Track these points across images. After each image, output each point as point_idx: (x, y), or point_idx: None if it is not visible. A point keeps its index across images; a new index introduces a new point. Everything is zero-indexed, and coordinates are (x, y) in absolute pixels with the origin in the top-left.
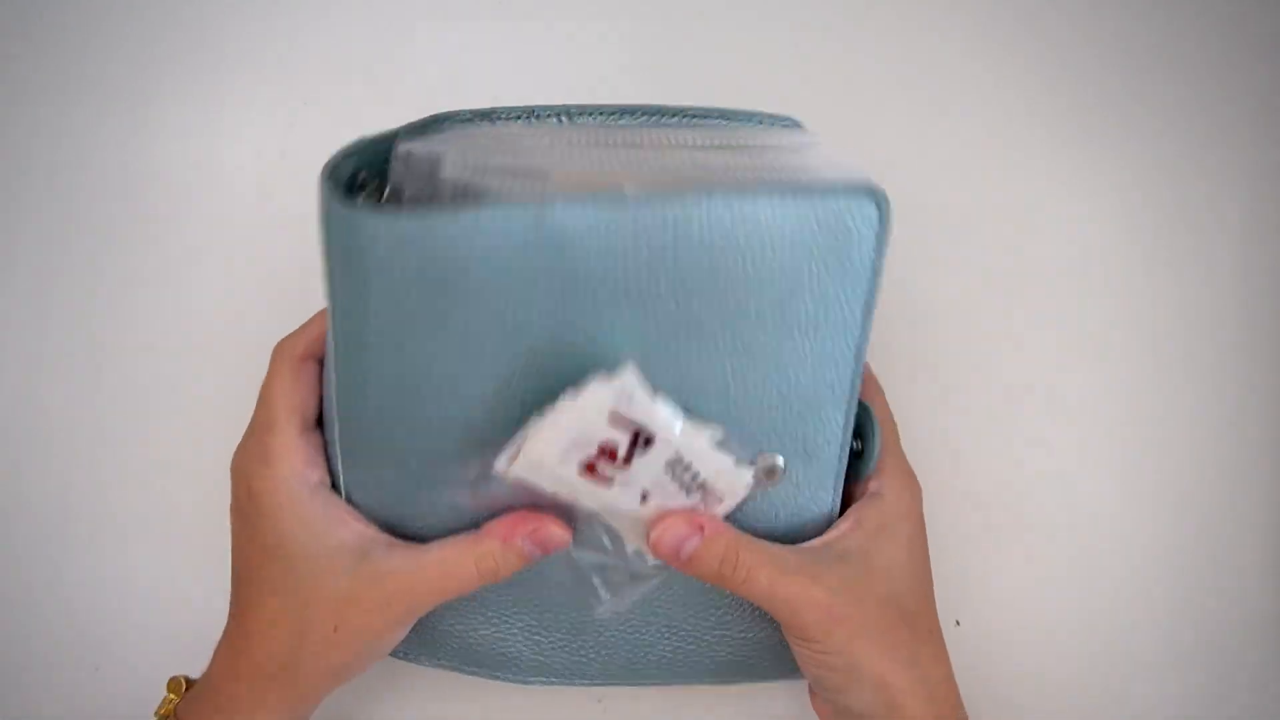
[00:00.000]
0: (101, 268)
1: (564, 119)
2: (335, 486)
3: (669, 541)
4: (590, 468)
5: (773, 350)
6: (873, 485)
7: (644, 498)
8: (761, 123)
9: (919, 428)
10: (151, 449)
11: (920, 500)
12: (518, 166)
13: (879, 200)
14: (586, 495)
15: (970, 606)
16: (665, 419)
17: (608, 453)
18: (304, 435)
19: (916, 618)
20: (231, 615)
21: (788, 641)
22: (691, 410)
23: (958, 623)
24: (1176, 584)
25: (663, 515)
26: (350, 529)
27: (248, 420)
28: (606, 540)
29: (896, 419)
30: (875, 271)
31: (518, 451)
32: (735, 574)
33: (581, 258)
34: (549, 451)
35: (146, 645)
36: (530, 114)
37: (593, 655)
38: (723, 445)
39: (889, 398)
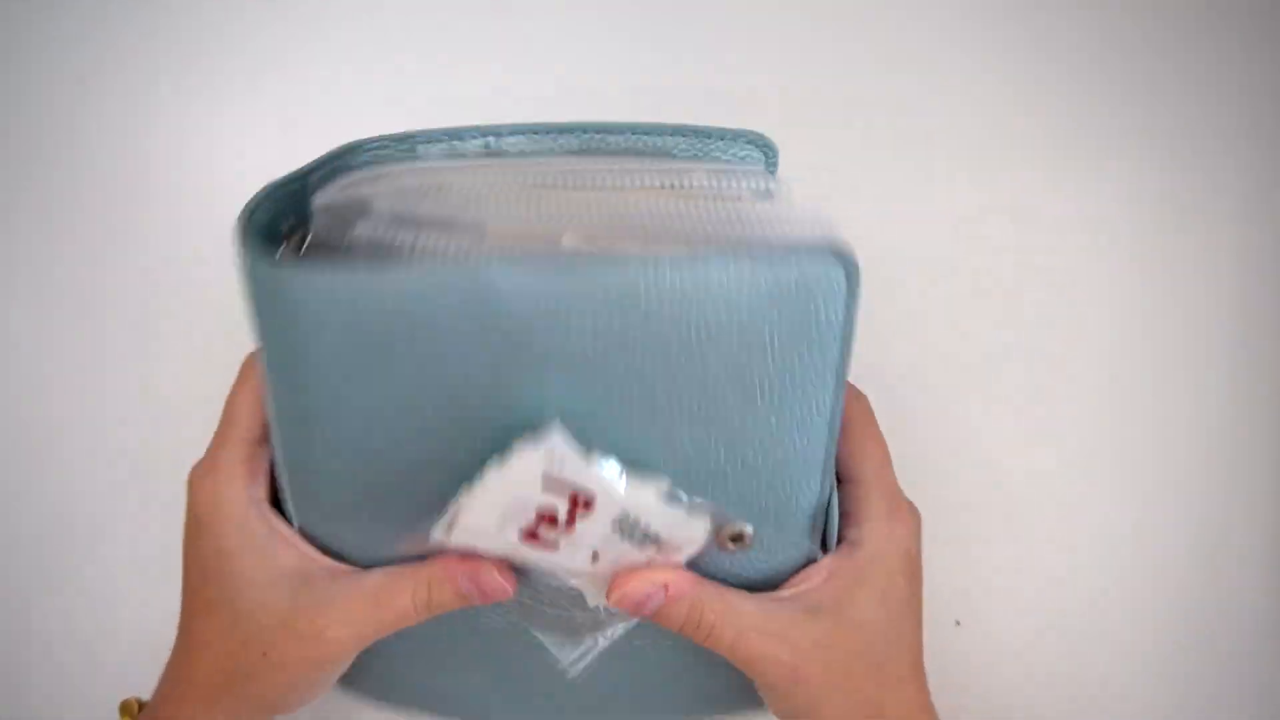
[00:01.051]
0: (100, 270)
1: (493, 141)
2: (281, 504)
3: (632, 598)
4: (532, 534)
5: (734, 420)
6: (852, 532)
7: (595, 557)
8: (722, 140)
9: (918, 429)
10: (152, 448)
11: (911, 538)
12: (449, 218)
13: (846, 265)
14: (533, 559)
15: (970, 606)
16: (602, 479)
17: (547, 518)
18: (257, 451)
19: (885, 665)
20: (177, 633)
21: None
22: (636, 464)
23: (958, 623)
24: (1176, 584)
25: (625, 574)
26: (292, 553)
27: None
28: (564, 601)
29: (895, 420)
30: (845, 338)
31: (452, 522)
32: (699, 631)
33: (520, 322)
34: (485, 520)
35: (146, 645)
36: (454, 137)
37: (565, 697)
38: (670, 498)
39: (888, 398)
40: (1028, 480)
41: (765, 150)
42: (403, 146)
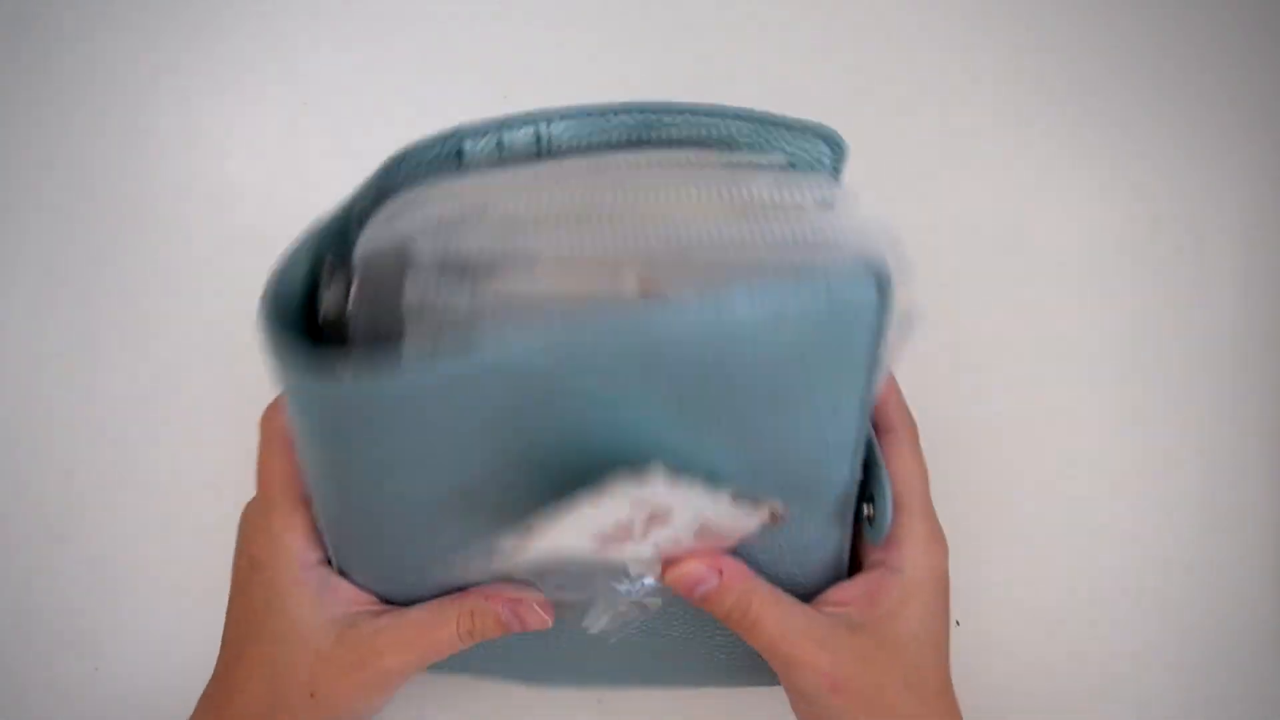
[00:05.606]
0: (103, 271)
1: (543, 129)
2: (328, 559)
3: (686, 581)
4: (603, 540)
5: (771, 426)
6: (894, 557)
7: (655, 548)
8: (789, 129)
9: (919, 428)
10: (152, 450)
11: (944, 564)
12: (496, 252)
13: (880, 284)
14: (598, 558)
15: (970, 606)
16: (686, 498)
17: (623, 529)
18: (302, 511)
19: (924, 685)
20: (215, 674)
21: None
22: (709, 475)
23: (957, 622)
24: (1176, 584)
25: (680, 555)
26: (342, 604)
27: (249, 423)
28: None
29: None
30: (875, 350)
31: (528, 541)
32: (743, 621)
33: (561, 381)
34: (560, 542)
35: (147, 645)
36: (501, 128)
37: (593, 662)
38: (738, 499)
39: None
40: (1027, 480)
41: (833, 146)
42: (448, 147)
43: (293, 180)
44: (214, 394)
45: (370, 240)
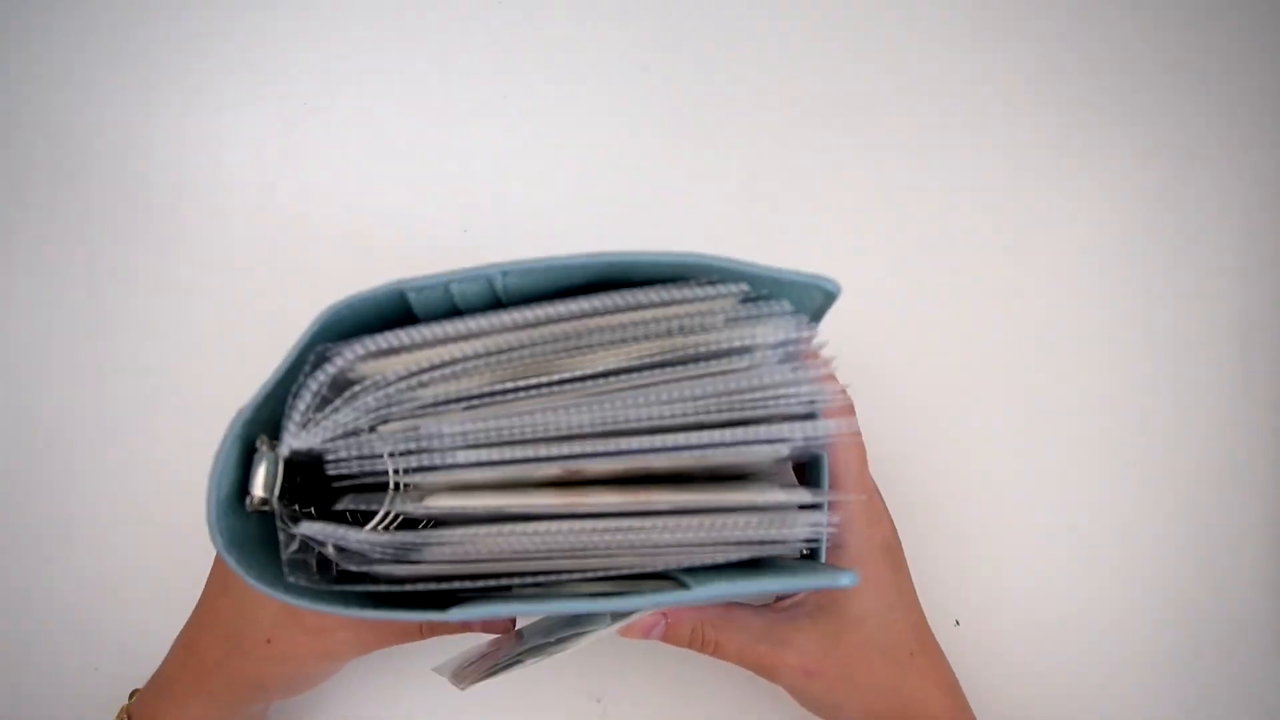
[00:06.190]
0: (103, 268)
1: (498, 280)
2: None
3: (638, 631)
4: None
5: None
6: (835, 536)
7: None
8: (783, 284)
9: (919, 428)
10: (152, 448)
11: (885, 534)
12: (416, 447)
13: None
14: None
15: (970, 606)
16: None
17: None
18: None
19: (896, 648)
20: (190, 619)
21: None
22: None
23: (957, 622)
24: (1175, 584)
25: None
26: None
27: None
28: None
29: (897, 422)
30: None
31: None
32: (705, 649)
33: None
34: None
35: (146, 645)
36: (451, 281)
37: None
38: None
39: (888, 401)
40: (1026, 481)
41: (827, 294)
42: (392, 298)
43: (291, 178)
44: (215, 390)
45: (294, 439)
